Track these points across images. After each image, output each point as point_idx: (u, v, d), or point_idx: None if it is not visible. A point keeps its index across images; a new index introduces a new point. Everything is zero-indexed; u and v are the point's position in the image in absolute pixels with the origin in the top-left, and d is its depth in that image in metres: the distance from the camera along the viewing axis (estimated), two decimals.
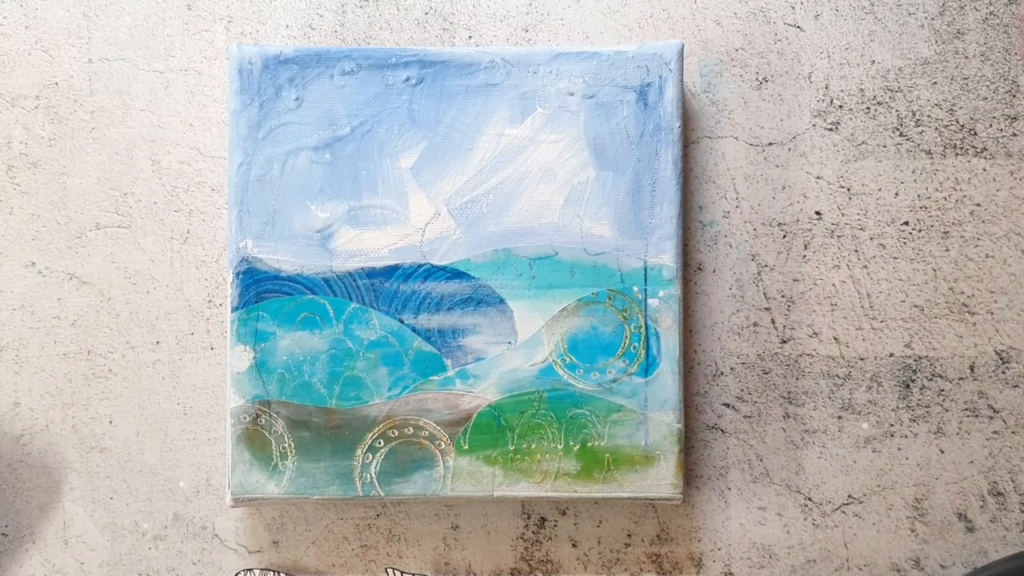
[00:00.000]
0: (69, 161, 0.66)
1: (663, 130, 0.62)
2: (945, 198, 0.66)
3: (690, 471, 0.66)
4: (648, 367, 0.62)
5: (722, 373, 0.66)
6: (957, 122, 0.66)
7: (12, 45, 0.67)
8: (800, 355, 0.66)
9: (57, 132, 0.66)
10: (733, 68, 0.66)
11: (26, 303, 0.66)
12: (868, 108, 0.66)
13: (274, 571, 0.65)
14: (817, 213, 0.66)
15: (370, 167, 0.62)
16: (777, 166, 0.66)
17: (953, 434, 0.65)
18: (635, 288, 0.62)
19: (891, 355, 0.66)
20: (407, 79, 0.62)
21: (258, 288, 0.61)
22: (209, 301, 0.66)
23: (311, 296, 0.62)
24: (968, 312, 0.66)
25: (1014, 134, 0.66)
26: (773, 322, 0.66)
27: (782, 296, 0.66)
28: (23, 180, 0.66)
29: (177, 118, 0.67)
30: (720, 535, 0.66)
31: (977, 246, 0.65)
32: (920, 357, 0.66)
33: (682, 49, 0.62)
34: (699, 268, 0.66)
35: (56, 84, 0.66)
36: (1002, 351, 0.65)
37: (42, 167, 0.66)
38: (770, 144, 0.66)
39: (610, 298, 0.62)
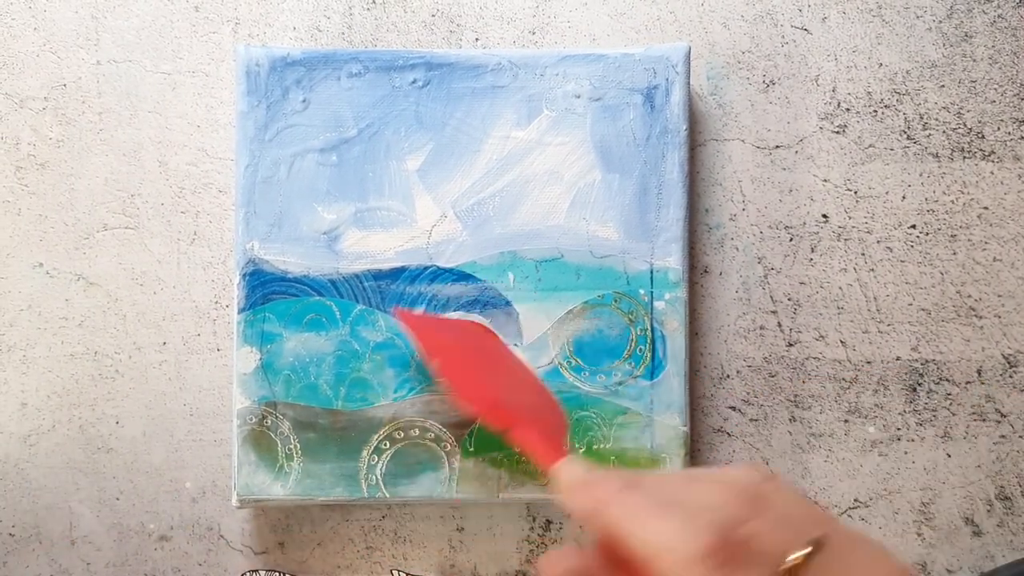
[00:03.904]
0: (77, 162, 0.66)
1: (669, 133, 0.62)
2: (952, 201, 0.66)
3: None
4: (654, 370, 0.62)
5: (728, 376, 0.66)
6: (965, 125, 0.66)
7: (21, 47, 0.67)
8: (806, 358, 0.66)
9: (65, 133, 0.66)
10: (740, 71, 0.66)
11: (33, 304, 0.66)
12: (875, 111, 0.66)
13: (280, 572, 0.65)
14: (824, 216, 0.66)
15: (377, 169, 0.62)
16: (784, 169, 0.66)
17: (960, 438, 0.65)
18: (641, 291, 0.62)
19: (898, 359, 0.66)
20: (414, 81, 0.62)
21: (264, 289, 0.62)
22: (216, 302, 0.66)
23: (317, 298, 0.62)
24: (975, 316, 0.65)
25: (1022, 137, 0.65)
26: (779, 325, 0.66)
27: (788, 299, 0.66)
28: (31, 181, 0.66)
29: (184, 120, 0.67)
30: None
31: (984, 250, 0.65)
32: (927, 361, 0.66)
33: (689, 52, 0.62)
34: (705, 271, 0.66)
35: (64, 86, 0.67)
36: (1009, 355, 0.65)
37: (50, 168, 0.66)
38: (777, 147, 0.66)
39: (616, 301, 0.62)
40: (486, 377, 0.55)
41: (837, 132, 0.66)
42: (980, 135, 0.66)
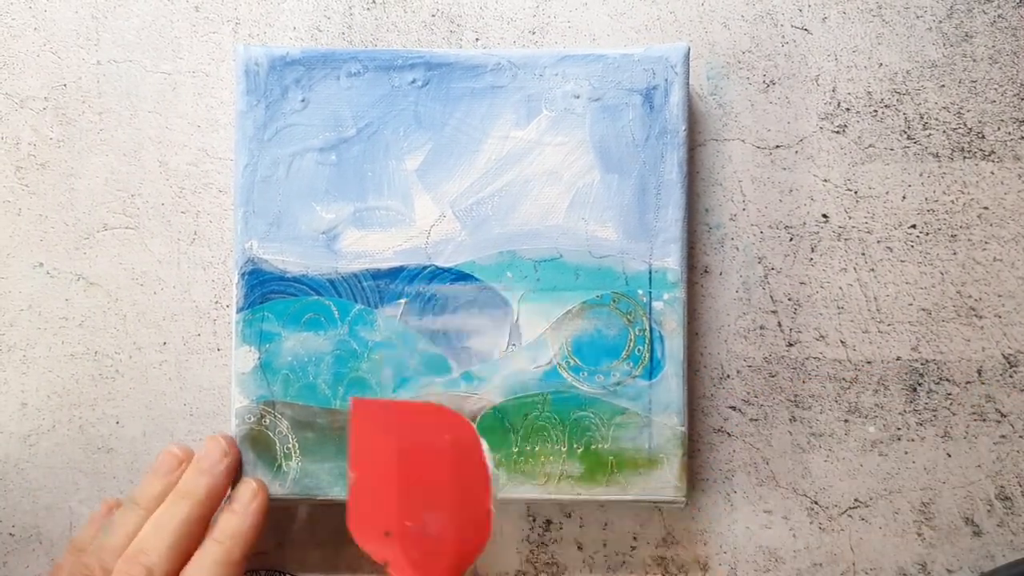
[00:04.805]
0: (77, 162, 0.67)
1: (669, 133, 0.62)
2: (953, 201, 0.65)
3: (696, 474, 0.66)
4: (652, 370, 0.61)
5: (728, 376, 0.66)
6: (965, 125, 0.66)
7: (21, 47, 0.67)
8: (807, 358, 0.66)
9: (65, 133, 0.67)
10: (740, 71, 0.66)
11: (34, 304, 0.66)
12: (875, 111, 0.66)
13: (280, 572, 0.65)
14: (824, 216, 0.66)
15: (376, 169, 0.62)
16: (784, 169, 0.66)
17: (960, 438, 0.65)
18: (639, 291, 0.62)
19: (898, 358, 0.65)
20: (413, 81, 0.62)
21: (263, 289, 0.62)
22: (216, 302, 0.66)
23: (316, 297, 0.62)
24: (976, 316, 0.65)
25: (1022, 137, 0.65)
26: (779, 325, 0.66)
27: (789, 299, 0.66)
28: (31, 181, 0.66)
29: (184, 119, 0.67)
30: (726, 538, 0.66)
31: (985, 249, 0.65)
32: (927, 361, 0.65)
33: (688, 52, 0.62)
34: (706, 271, 0.66)
35: (64, 86, 0.67)
36: (1010, 355, 0.65)
37: (50, 168, 0.67)
38: (777, 147, 0.66)
39: (615, 301, 0.62)
40: (398, 497, 0.55)
41: (837, 132, 0.66)
42: (980, 135, 0.66)
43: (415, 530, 0.54)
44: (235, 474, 0.60)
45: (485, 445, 0.55)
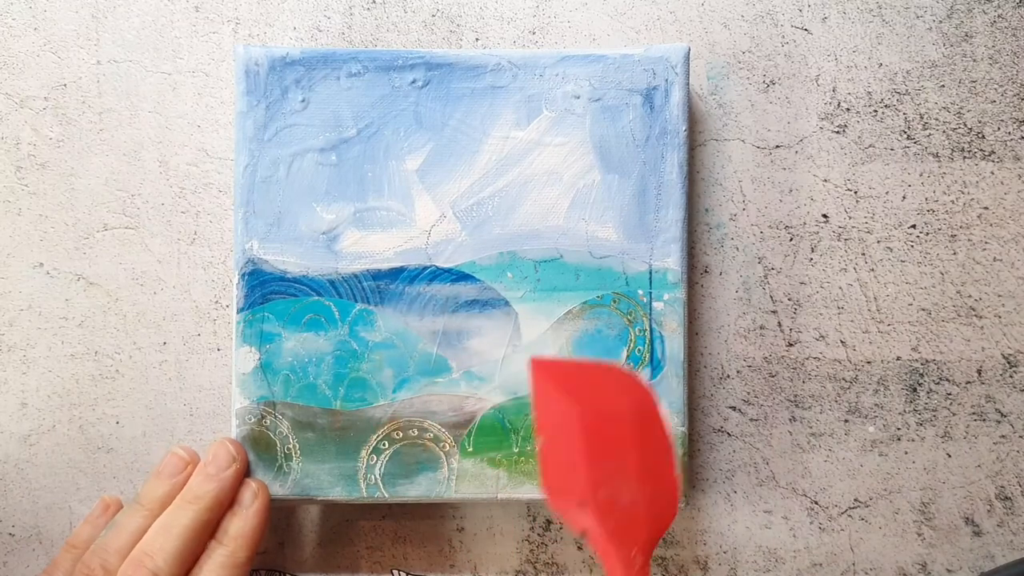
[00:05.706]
0: (77, 162, 0.66)
1: (669, 133, 0.62)
2: (952, 201, 0.65)
3: (696, 474, 0.66)
4: (652, 370, 0.61)
5: (728, 376, 0.66)
6: (965, 125, 0.66)
7: (21, 47, 0.67)
8: (807, 358, 0.66)
9: (65, 133, 0.67)
10: (740, 71, 0.66)
11: (34, 304, 0.66)
12: (875, 111, 0.66)
13: (280, 572, 0.65)
14: (824, 216, 0.66)
15: (376, 169, 0.62)
16: (784, 169, 0.66)
17: (960, 438, 0.65)
18: (640, 291, 0.62)
19: (898, 359, 0.65)
20: (413, 81, 0.62)
21: (263, 289, 0.61)
22: (216, 302, 0.66)
23: (316, 298, 0.62)
24: (975, 316, 0.65)
25: (1022, 137, 0.65)
26: (780, 325, 0.66)
27: (789, 299, 0.66)
28: (31, 181, 0.66)
29: (185, 119, 0.67)
30: (726, 538, 0.66)
31: (985, 250, 0.65)
32: (927, 361, 0.65)
33: (688, 52, 0.62)
34: (706, 271, 0.66)
35: (64, 86, 0.67)
36: (1010, 355, 0.65)
37: (50, 168, 0.66)
38: (777, 147, 0.66)
39: (615, 301, 0.62)
40: (588, 465, 0.53)
41: (837, 132, 0.66)
42: (980, 135, 0.66)
43: (608, 500, 0.52)
44: (242, 479, 0.60)
45: (664, 408, 0.54)
